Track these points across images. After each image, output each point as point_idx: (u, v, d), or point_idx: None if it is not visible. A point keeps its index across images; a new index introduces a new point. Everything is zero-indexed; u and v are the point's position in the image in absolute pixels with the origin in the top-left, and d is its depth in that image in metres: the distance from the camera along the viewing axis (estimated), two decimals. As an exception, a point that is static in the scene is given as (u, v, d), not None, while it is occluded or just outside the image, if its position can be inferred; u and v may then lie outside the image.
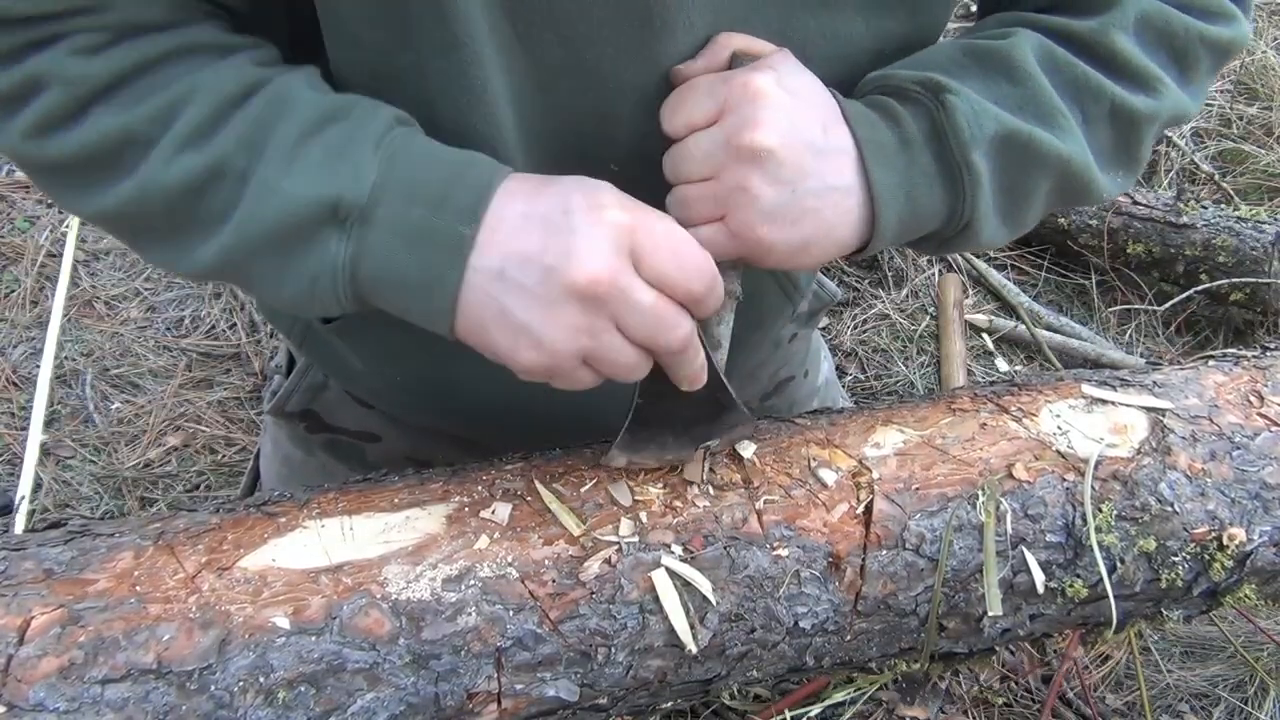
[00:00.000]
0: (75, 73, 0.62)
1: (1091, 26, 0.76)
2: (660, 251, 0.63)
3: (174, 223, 0.66)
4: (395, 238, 0.62)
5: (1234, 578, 0.88)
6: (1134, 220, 2.06)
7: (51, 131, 0.64)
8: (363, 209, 0.62)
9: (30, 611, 0.63)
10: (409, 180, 0.62)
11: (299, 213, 0.62)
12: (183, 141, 0.63)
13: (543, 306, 0.62)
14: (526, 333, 0.63)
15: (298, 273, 0.64)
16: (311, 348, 0.98)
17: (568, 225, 0.62)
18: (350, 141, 0.62)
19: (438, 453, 1.04)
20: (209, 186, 0.63)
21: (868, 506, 0.79)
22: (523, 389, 0.92)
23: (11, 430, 1.62)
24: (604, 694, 0.74)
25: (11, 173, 2.08)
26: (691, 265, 0.64)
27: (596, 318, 0.63)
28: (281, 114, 0.63)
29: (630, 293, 0.62)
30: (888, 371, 1.94)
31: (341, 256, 0.63)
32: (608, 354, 0.64)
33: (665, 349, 0.65)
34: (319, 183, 0.61)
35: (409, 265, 0.63)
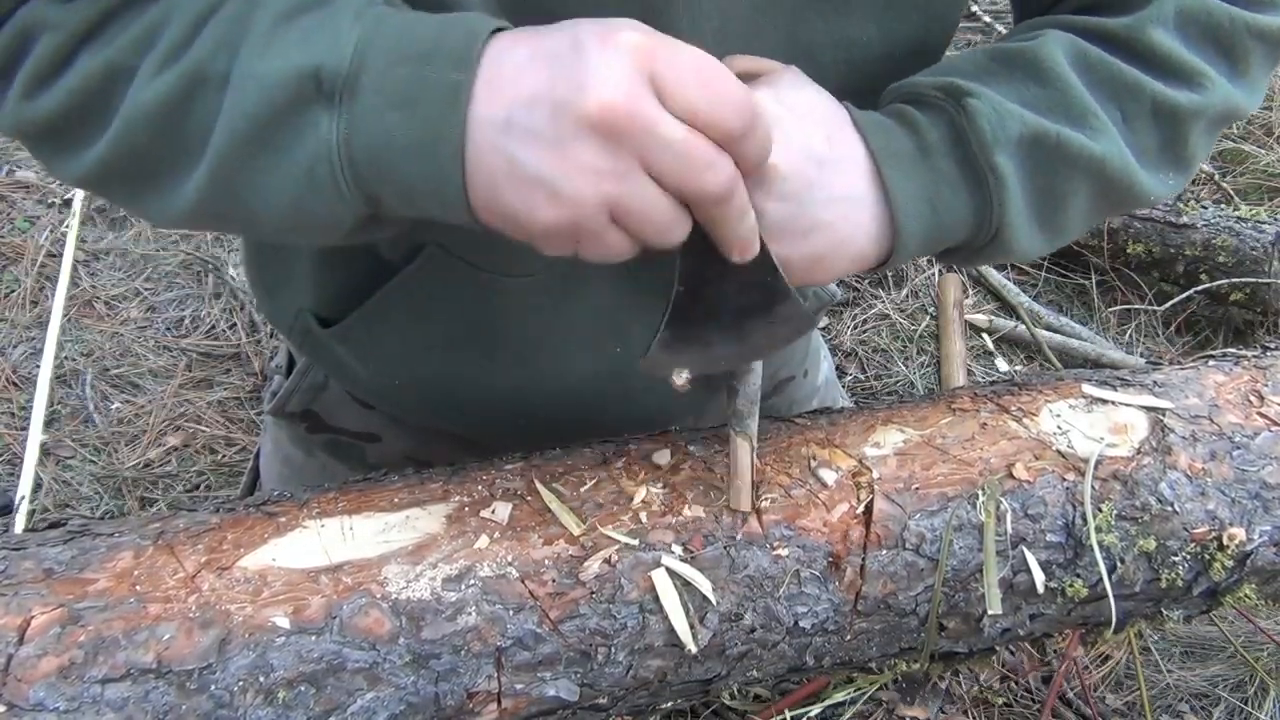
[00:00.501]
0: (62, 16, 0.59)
1: (1126, 23, 0.73)
2: (688, 80, 0.54)
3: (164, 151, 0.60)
4: (386, 101, 0.55)
5: (1234, 578, 0.88)
6: (1134, 220, 2.06)
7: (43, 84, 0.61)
8: (346, 77, 0.55)
9: (30, 611, 0.63)
10: (393, 39, 0.56)
11: (279, 92, 0.56)
12: (161, 60, 0.58)
13: (556, 150, 0.54)
14: (542, 184, 0.55)
15: (292, 168, 0.58)
16: (311, 348, 0.98)
17: (578, 55, 0.54)
18: (326, 16, 0.57)
19: (438, 453, 1.04)
20: (191, 97, 0.58)
21: (868, 506, 0.79)
22: (524, 390, 0.92)
23: (11, 430, 1.62)
24: (604, 694, 0.74)
25: (12, 172, 2.08)
26: (726, 95, 0.55)
27: (619, 156, 0.54)
28: (255, 7, 0.58)
29: (655, 125, 0.54)
30: (888, 371, 1.94)
31: (334, 136, 0.56)
32: (638, 203, 0.56)
33: (704, 194, 0.56)
34: (296, 58, 0.56)
35: (406, 128, 0.56)
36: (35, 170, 2.10)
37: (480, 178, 0.56)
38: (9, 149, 2.13)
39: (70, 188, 2.04)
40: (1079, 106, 0.71)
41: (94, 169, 0.63)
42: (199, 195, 0.60)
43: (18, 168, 2.09)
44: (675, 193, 0.56)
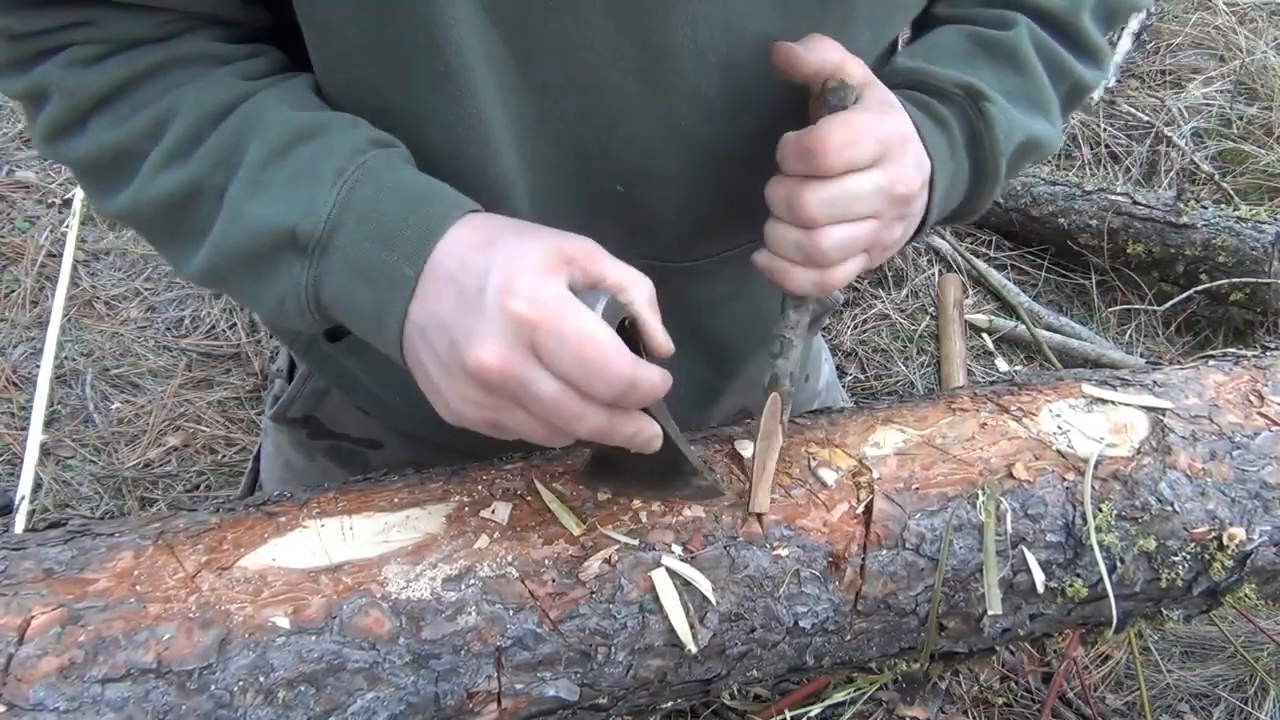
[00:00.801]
0: (71, 84, 0.65)
1: (1065, 7, 0.82)
2: (564, 350, 0.59)
3: (166, 232, 0.69)
4: (349, 270, 0.63)
5: (1234, 577, 0.88)
6: (1134, 220, 2.06)
7: (61, 137, 0.68)
8: (319, 240, 0.63)
9: (30, 611, 0.63)
10: (365, 213, 0.62)
11: (261, 239, 0.64)
12: (167, 157, 0.65)
13: (448, 376, 0.62)
14: (437, 394, 0.64)
15: (268, 293, 0.66)
16: (315, 358, 0.97)
17: (479, 304, 0.59)
18: (314, 168, 0.63)
19: (441, 461, 1.04)
20: (190, 202, 0.66)
21: (868, 506, 0.79)
22: None
23: (11, 430, 1.62)
24: (604, 694, 0.74)
25: (12, 172, 2.08)
26: (597, 368, 0.59)
27: (497, 399, 0.61)
28: (254, 133, 0.64)
29: (528, 385, 0.59)
30: (888, 371, 1.94)
31: (304, 282, 0.64)
32: (518, 428, 0.63)
33: (576, 435, 0.63)
34: (278, 211, 0.63)
35: (362, 297, 0.63)
36: (35, 170, 2.10)
37: (408, 354, 0.64)
38: (9, 149, 2.13)
39: (70, 188, 2.04)
40: (1045, 96, 0.81)
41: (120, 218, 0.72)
42: (199, 276, 0.69)
43: (18, 168, 2.09)
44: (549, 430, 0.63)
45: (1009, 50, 0.79)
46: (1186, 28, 2.69)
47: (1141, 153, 2.40)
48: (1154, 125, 2.42)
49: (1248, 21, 2.71)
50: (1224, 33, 2.66)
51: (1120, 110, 2.50)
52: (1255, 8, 2.74)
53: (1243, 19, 2.71)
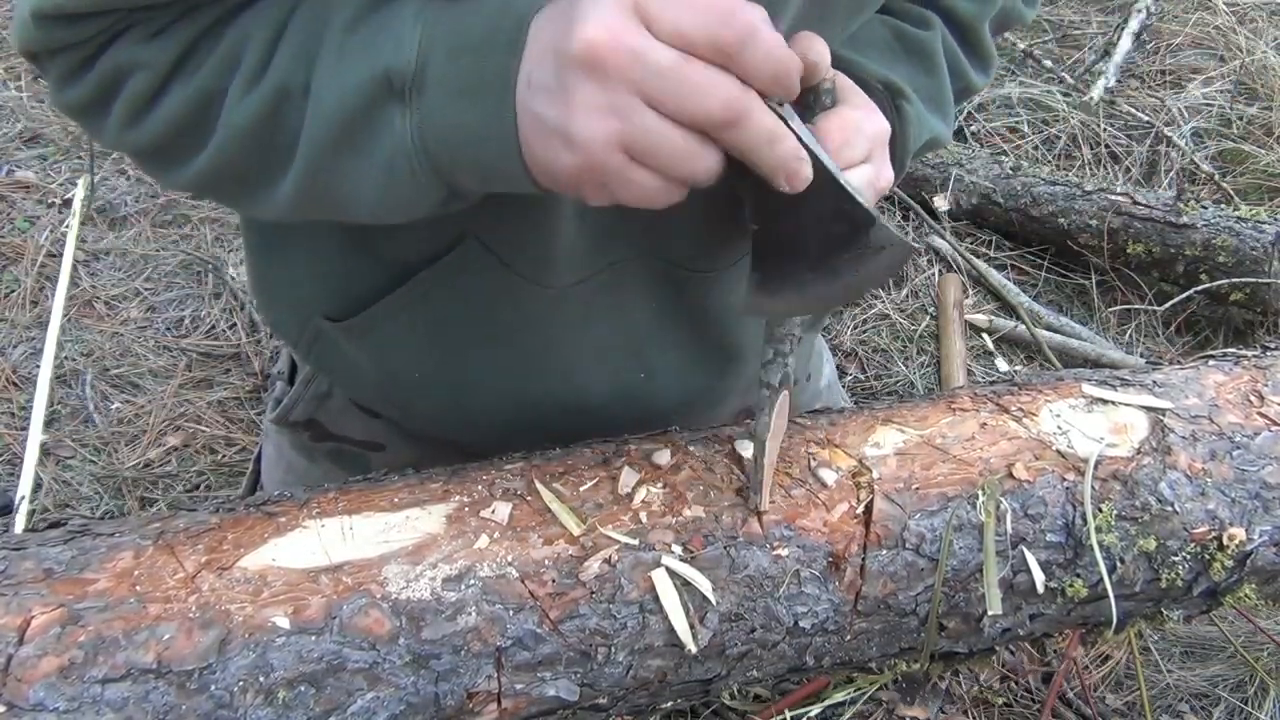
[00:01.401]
0: (149, 56, 0.64)
1: (971, 13, 0.88)
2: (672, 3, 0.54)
3: (259, 161, 0.66)
4: (449, 94, 0.59)
5: (1234, 578, 0.88)
6: (1134, 220, 2.06)
7: (141, 115, 0.66)
8: (413, 75, 0.59)
9: (30, 611, 0.63)
10: (451, 34, 0.59)
11: (355, 98, 0.60)
12: (247, 82, 0.63)
13: (561, 96, 0.55)
14: (557, 133, 0.56)
15: (373, 164, 0.62)
16: (319, 355, 0.97)
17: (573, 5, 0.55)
18: (389, 20, 0.60)
19: (443, 463, 1.04)
20: (277, 112, 0.63)
21: (868, 506, 0.79)
22: (532, 389, 0.91)
23: (11, 430, 1.62)
24: (604, 694, 0.74)
25: (11, 173, 2.08)
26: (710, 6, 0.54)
27: (615, 91, 0.55)
28: (324, 18, 0.62)
29: (643, 54, 0.53)
30: (888, 371, 1.94)
31: (408, 131, 0.60)
32: (648, 137, 0.55)
33: (708, 119, 0.55)
34: (366, 64, 0.60)
35: (470, 119, 0.59)
36: (35, 170, 2.10)
37: (525, 141, 0.58)
38: (9, 149, 2.13)
39: (71, 188, 2.04)
40: (946, 97, 0.87)
41: (196, 180, 0.70)
42: (294, 194, 0.66)
43: (18, 168, 2.09)
44: (680, 121, 0.55)
45: (926, 51, 0.84)
46: (1186, 28, 2.69)
47: (1141, 153, 2.40)
48: (1154, 125, 2.42)
49: (1248, 21, 2.71)
50: (1224, 33, 2.66)
51: (1120, 110, 2.50)
52: (1255, 8, 2.74)
53: (1243, 19, 2.71)
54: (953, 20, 0.88)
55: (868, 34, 0.83)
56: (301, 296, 0.92)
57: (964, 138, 2.44)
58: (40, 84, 2.28)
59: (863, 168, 0.69)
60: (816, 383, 1.34)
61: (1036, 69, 2.63)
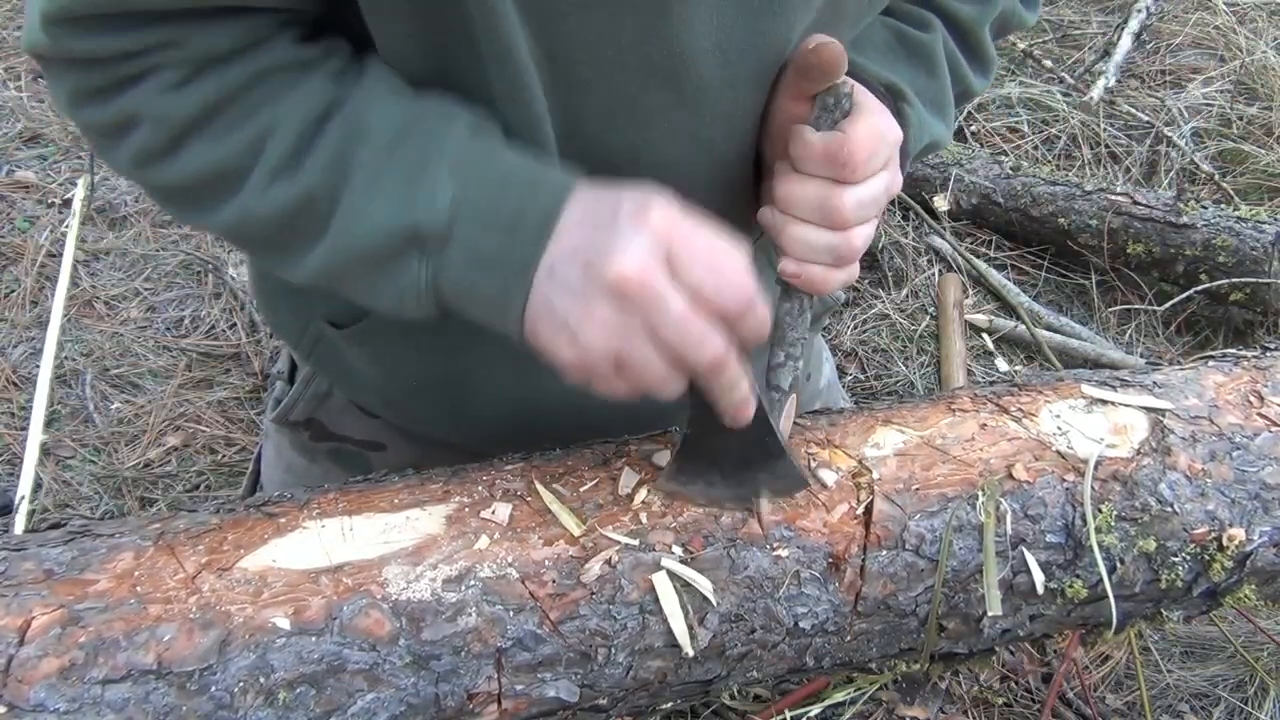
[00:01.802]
0: (163, 110, 0.65)
1: (972, 17, 0.89)
2: (697, 261, 0.63)
3: (276, 241, 0.70)
4: (471, 262, 0.65)
5: (1234, 578, 0.88)
6: (1134, 220, 2.06)
7: (151, 163, 0.68)
8: (440, 235, 0.65)
9: (30, 612, 0.63)
10: (482, 206, 0.65)
11: (383, 240, 0.65)
12: (273, 172, 0.66)
13: (581, 301, 0.63)
14: (566, 328, 0.64)
15: (386, 289, 0.68)
16: (320, 357, 0.97)
17: (613, 225, 0.63)
18: (427, 161, 0.65)
19: (443, 463, 1.04)
20: (302, 212, 0.67)
21: (868, 507, 0.79)
22: (531, 392, 0.91)
23: (11, 430, 1.62)
24: (604, 694, 0.74)
25: (11, 173, 2.08)
26: (728, 279, 0.64)
27: (629, 318, 0.63)
28: (360, 136, 0.66)
29: (661, 297, 0.62)
30: (888, 371, 1.94)
31: (424, 278, 0.66)
32: (640, 362, 0.64)
33: (695, 364, 0.65)
34: (399, 210, 0.65)
35: (484, 285, 0.66)
36: (35, 170, 2.10)
37: (530, 312, 0.66)
38: (9, 149, 2.13)
39: (70, 188, 2.04)
40: (947, 99, 0.88)
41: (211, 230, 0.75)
42: (310, 276, 0.71)
43: (18, 168, 2.09)
44: (670, 358, 0.64)
45: (927, 53, 0.85)
46: (1186, 28, 2.69)
47: (1141, 153, 2.40)
48: (1154, 125, 2.42)
49: (1248, 21, 2.71)
50: (1224, 33, 2.66)
51: (1120, 110, 2.50)
52: (1255, 8, 2.74)
53: (1243, 19, 2.71)
54: (953, 23, 0.88)
55: (869, 35, 0.84)
56: (303, 300, 0.93)
57: (964, 138, 2.44)
58: (40, 84, 2.28)
59: (881, 175, 0.72)
60: (816, 382, 1.35)
61: (1036, 69, 2.63)
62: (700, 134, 0.75)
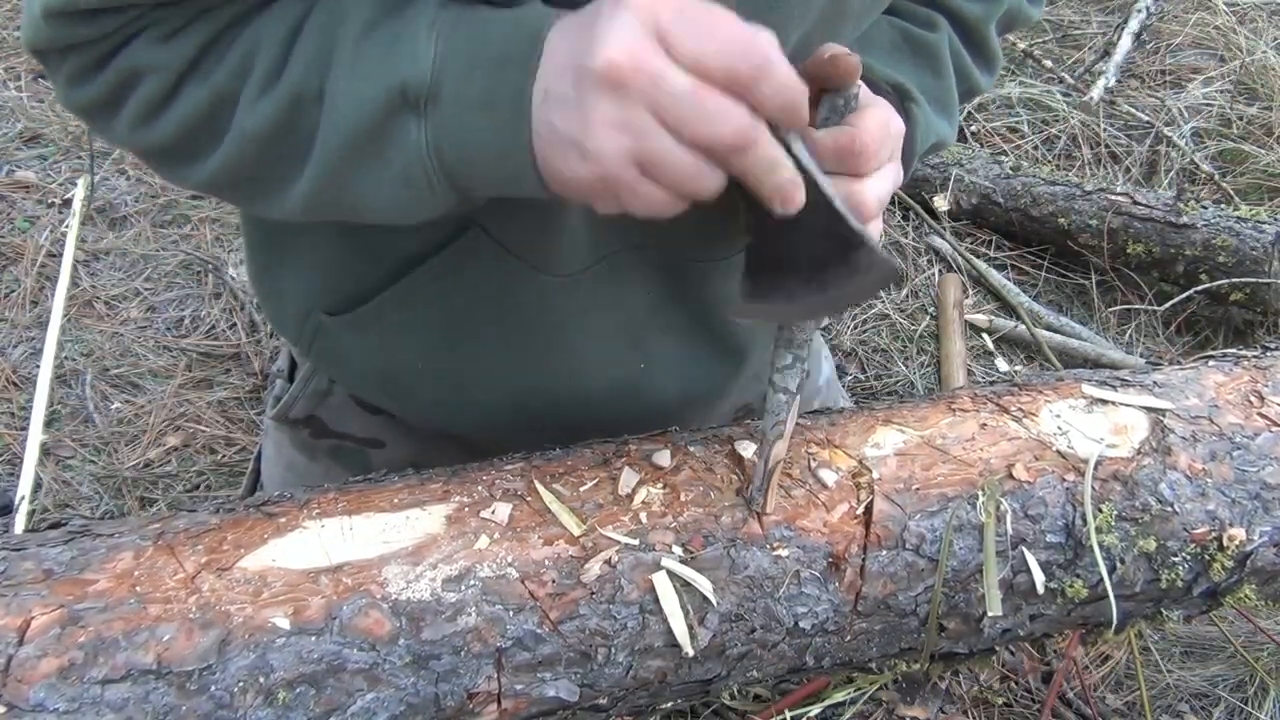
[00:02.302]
0: (163, 58, 0.65)
1: (978, 16, 0.89)
2: (691, 28, 0.56)
3: (272, 165, 0.67)
4: (465, 108, 0.61)
5: (1234, 578, 0.88)
6: (1134, 220, 2.06)
7: (153, 117, 0.67)
8: (429, 88, 0.61)
9: (30, 612, 0.63)
10: (466, 48, 0.61)
11: (371, 109, 0.62)
12: (260, 86, 0.64)
13: (579, 110, 0.58)
14: (572, 144, 0.59)
15: (388, 173, 0.64)
16: (320, 350, 0.97)
17: (593, 23, 0.57)
18: (404, 29, 0.61)
19: (443, 460, 1.04)
20: (292, 117, 0.64)
21: (868, 507, 0.79)
22: (537, 392, 0.91)
23: (11, 430, 1.62)
24: (604, 694, 0.74)
25: (11, 173, 2.08)
26: (729, 38, 0.56)
27: (631, 110, 0.57)
28: (338, 24, 0.63)
29: (661, 77, 0.56)
30: (888, 371, 1.94)
31: (423, 142, 0.62)
32: (659, 155, 0.58)
33: (718, 143, 0.58)
34: (382, 75, 0.61)
35: (485, 131, 0.61)
36: (35, 170, 2.10)
37: (538, 150, 0.61)
38: (9, 149, 2.13)
39: (70, 188, 2.04)
40: (952, 98, 0.88)
41: (208, 180, 0.70)
42: (307, 196, 0.67)
43: (18, 168, 2.09)
44: (691, 144, 0.58)
45: (932, 53, 0.85)
46: (1186, 28, 2.69)
47: (1141, 153, 2.40)
48: (1154, 125, 2.42)
49: (1248, 21, 2.71)
50: (1224, 33, 2.66)
51: (1120, 110, 2.50)
52: (1255, 8, 2.74)
53: (1243, 19, 2.71)
54: (959, 21, 0.88)
55: (875, 35, 0.84)
56: (302, 291, 0.92)
57: (964, 138, 2.44)
58: (40, 84, 2.28)
59: (889, 167, 0.71)
60: (815, 380, 1.35)
61: (1036, 69, 2.63)
62: None
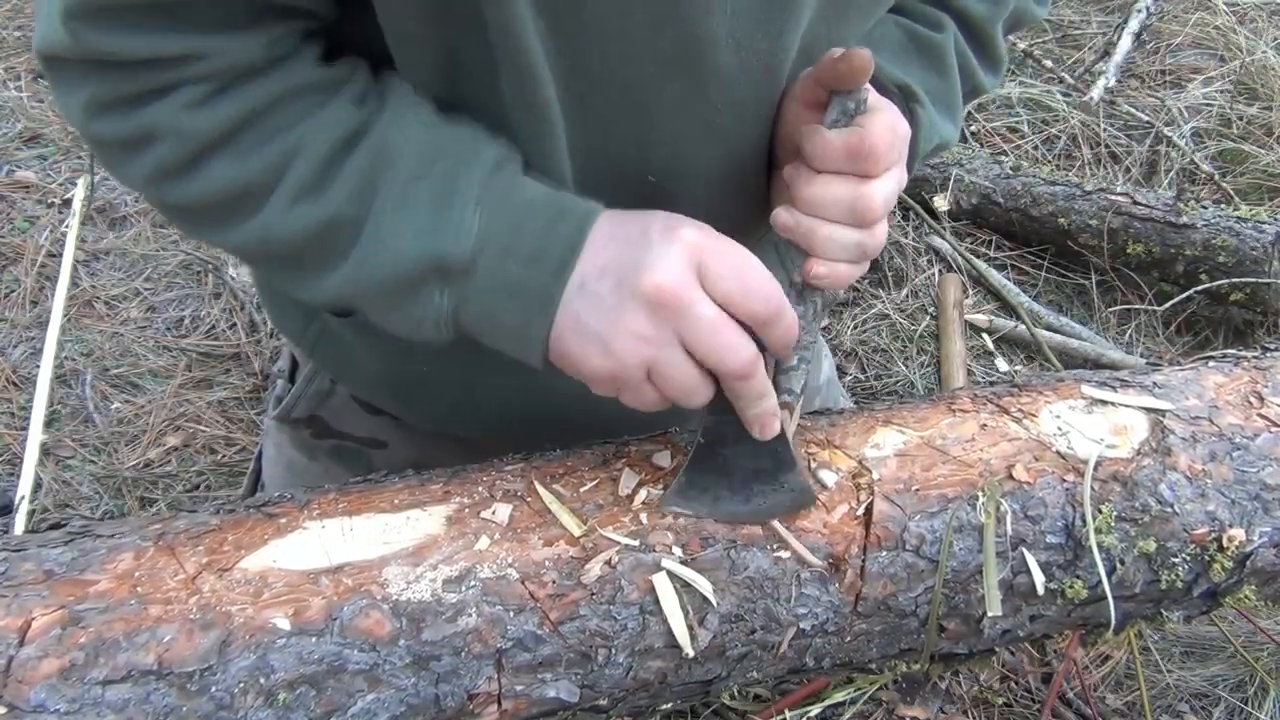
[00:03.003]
0: (187, 127, 0.65)
1: (984, 15, 0.89)
2: (727, 273, 0.66)
3: (295, 263, 0.71)
4: (493, 291, 0.67)
5: (1234, 578, 0.88)
6: (1134, 220, 2.06)
7: (168, 181, 0.68)
8: (465, 266, 0.66)
9: (31, 612, 0.63)
10: (506, 237, 0.66)
11: (407, 269, 0.67)
12: (296, 194, 0.67)
13: (613, 314, 0.66)
14: (597, 339, 0.67)
15: (405, 315, 0.70)
16: (324, 351, 0.97)
17: (644, 242, 0.66)
18: (453, 192, 0.66)
19: (445, 460, 1.04)
20: (325, 236, 0.68)
21: (868, 507, 0.79)
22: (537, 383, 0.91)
23: (11, 430, 1.62)
24: (604, 695, 0.74)
25: (11, 173, 2.08)
26: (755, 287, 0.67)
27: (661, 328, 0.66)
28: (387, 163, 0.66)
29: (694, 305, 0.65)
30: (888, 371, 1.94)
31: (445, 307, 0.68)
32: (670, 368, 0.67)
33: (727, 370, 0.67)
34: (424, 241, 0.66)
35: (506, 314, 0.68)
36: (35, 170, 2.10)
37: (556, 345, 0.68)
38: (9, 149, 2.13)
39: (70, 188, 2.04)
40: (956, 98, 0.89)
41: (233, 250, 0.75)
42: (322, 301, 0.72)
43: (18, 168, 2.09)
44: (703, 364, 0.67)
45: (938, 53, 0.86)
46: (1186, 28, 2.69)
47: (1141, 153, 2.40)
48: (1154, 125, 2.42)
49: (1248, 21, 2.71)
50: (1224, 33, 2.66)
51: (1120, 110, 2.50)
52: (1255, 8, 2.74)
53: (1243, 19, 2.71)
54: (965, 21, 0.89)
55: (881, 34, 0.84)
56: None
57: (964, 138, 2.44)
58: (40, 84, 2.28)
59: (895, 170, 0.73)
60: (815, 379, 1.35)
61: (1036, 69, 2.63)
62: (714, 122, 0.75)
